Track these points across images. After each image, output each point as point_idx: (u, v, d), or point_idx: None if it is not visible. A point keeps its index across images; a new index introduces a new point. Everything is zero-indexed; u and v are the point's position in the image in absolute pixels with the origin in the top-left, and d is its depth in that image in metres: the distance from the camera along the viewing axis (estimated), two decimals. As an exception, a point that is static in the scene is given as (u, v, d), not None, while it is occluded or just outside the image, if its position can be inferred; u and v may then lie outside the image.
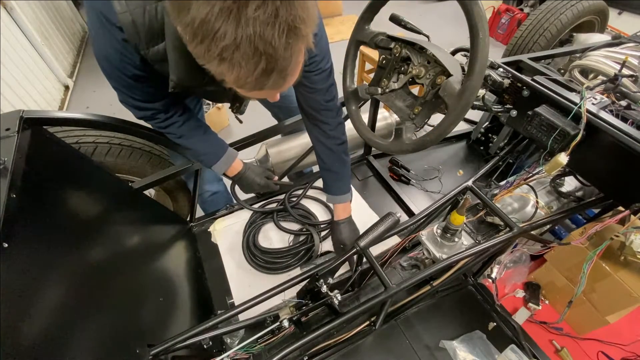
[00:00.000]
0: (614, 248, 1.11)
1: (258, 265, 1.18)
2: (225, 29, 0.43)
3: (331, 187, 1.11)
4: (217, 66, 0.48)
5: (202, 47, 0.46)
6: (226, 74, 0.49)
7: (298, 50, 0.50)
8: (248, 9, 0.42)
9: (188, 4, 0.44)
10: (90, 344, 0.62)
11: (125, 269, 0.86)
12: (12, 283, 0.50)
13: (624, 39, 1.56)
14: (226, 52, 0.45)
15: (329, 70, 0.93)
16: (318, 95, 0.94)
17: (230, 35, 0.44)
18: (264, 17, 0.43)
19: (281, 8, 0.44)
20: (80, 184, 0.83)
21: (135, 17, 0.62)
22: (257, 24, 0.43)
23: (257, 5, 0.42)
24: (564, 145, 0.89)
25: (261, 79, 0.50)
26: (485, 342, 1.05)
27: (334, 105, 0.99)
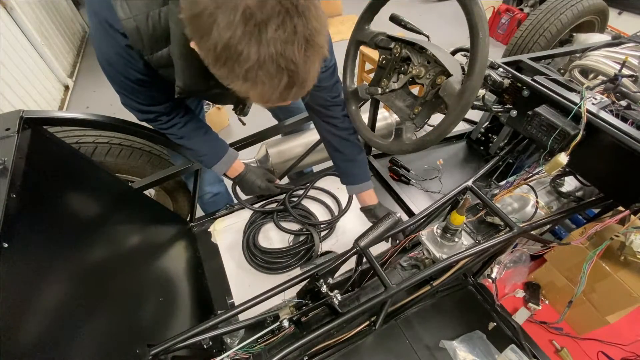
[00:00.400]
0: (614, 248, 1.11)
1: (258, 265, 1.18)
2: (248, 51, 0.45)
3: (355, 176, 1.10)
4: (241, 85, 0.50)
5: (225, 69, 0.48)
6: (250, 92, 0.51)
7: (316, 60, 0.52)
8: (269, 30, 0.44)
9: (209, 29, 0.45)
10: (90, 343, 0.62)
11: (125, 269, 0.86)
12: (12, 283, 0.50)
13: (624, 39, 1.56)
14: (250, 73, 0.47)
15: (334, 68, 0.94)
16: (325, 92, 0.95)
17: (253, 57, 0.45)
18: (285, 35, 0.45)
19: (299, 24, 0.45)
20: (80, 184, 0.83)
21: (138, 23, 0.62)
22: (278, 43, 0.45)
23: (277, 26, 0.44)
24: (564, 145, 0.89)
25: (284, 93, 0.51)
26: (485, 342, 1.05)
27: (340, 101, 1.01)
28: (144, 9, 0.62)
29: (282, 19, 0.44)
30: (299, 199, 1.36)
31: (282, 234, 1.27)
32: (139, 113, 0.87)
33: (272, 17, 0.44)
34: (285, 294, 0.89)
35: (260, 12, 0.43)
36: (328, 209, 1.36)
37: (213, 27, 0.45)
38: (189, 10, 0.47)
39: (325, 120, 1.03)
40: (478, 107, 1.08)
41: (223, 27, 0.44)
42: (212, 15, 0.44)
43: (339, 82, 0.99)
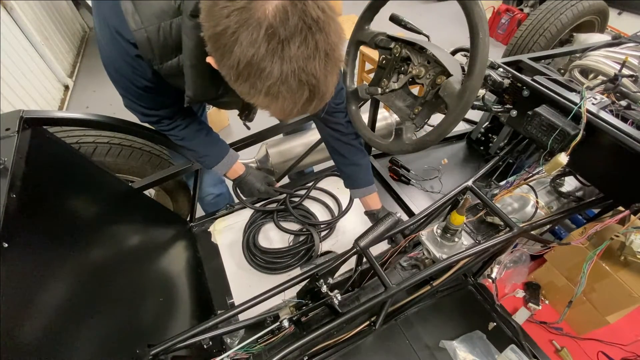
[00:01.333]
0: (614, 248, 1.11)
1: (258, 265, 1.18)
2: (271, 68, 0.46)
3: (359, 180, 1.11)
4: (263, 100, 0.50)
5: (247, 85, 0.49)
6: (271, 106, 0.52)
7: (335, 73, 0.53)
8: (292, 47, 0.45)
9: (231, 47, 0.45)
10: (90, 343, 0.62)
11: (125, 269, 0.86)
12: (12, 283, 0.50)
13: (624, 39, 1.56)
14: (272, 89, 0.48)
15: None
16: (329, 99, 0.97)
17: (276, 74, 0.46)
18: (307, 52, 0.46)
19: (320, 40, 0.46)
20: (80, 184, 0.83)
21: (150, 34, 0.62)
22: (301, 60, 0.46)
23: (300, 42, 0.45)
24: (564, 145, 0.89)
25: (304, 107, 0.52)
26: (485, 342, 1.05)
27: (343, 107, 1.02)
28: (155, 21, 0.62)
29: (304, 35, 0.45)
30: (301, 199, 1.36)
31: (282, 234, 1.27)
32: (142, 116, 0.87)
33: (295, 34, 0.44)
34: (285, 294, 0.89)
35: (283, 29, 0.44)
36: (328, 209, 1.36)
37: (235, 45, 0.45)
38: (212, 28, 0.47)
39: (329, 126, 1.03)
40: (478, 107, 1.08)
41: (246, 44, 0.44)
42: (235, 34, 0.45)
43: (342, 89, 1.00)
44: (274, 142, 1.45)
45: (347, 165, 1.10)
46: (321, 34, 0.46)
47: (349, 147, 1.06)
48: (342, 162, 1.10)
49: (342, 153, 1.07)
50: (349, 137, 1.05)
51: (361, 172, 1.10)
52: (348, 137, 1.05)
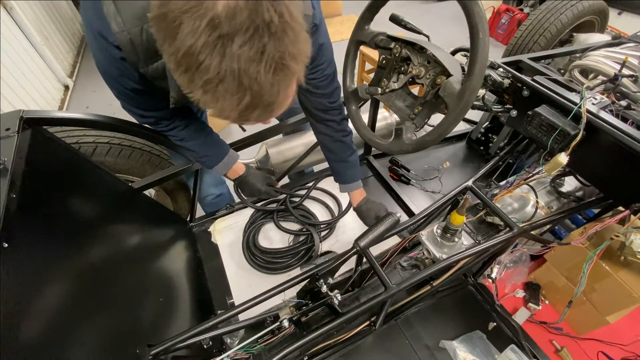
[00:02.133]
0: (614, 248, 1.11)
1: (258, 265, 1.18)
2: (209, 62, 0.42)
3: (346, 176, 1.13)
4: (201, 96, 0.47)
5: (185, 77, 0.45)
6: (210, 105, 0.48)
7: (286, 85, 0.49)
8: (233, 45, 0.41)
9: (174, 32, 0.42)
10: (90, 344, 0.62)
11: (125, 269, 0.85)
12: (12, 283, 0.49)
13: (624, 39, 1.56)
14: (209, 85, 0.44)
15: (333, 75, 0.94)
16: (323, 98, 0.96)
17: (213, 69, 0.43)
18: (250, 53, 0.42)
19: (269, 45, 0.43)
20: (80, 184, 0.83)
21: (132, 37, 0.61)
22: (242, 60, 0.42)
23: (243, 42, 0.41)
24: (564, 145, 0.89)
25: (245, 113, 0.49)
26: (485, 342, 1.05)
27: (338, 105, 1.02)
28: (137, 22, 0.60)
29: (249, 36, 0.42)
30: (301, 200, 1.36)
31: (282, 233, 1.27)
32: (139, 117, 0.87)
33: (239, 32, 0.41)
34: (285, 294, 0.90)
35: (227, 24, 0.41)
36: (328, 209, 1.36)
37: (178, 30, 0.42)
38: (157, 9, 0.44)
39: (322, 123, 1.04)
40: (478, 107, 1.08)
41: (187, 33, 0.41)
42: (178, 19, 0.42)
43: (338, 88, 1.00)
44: (274, 142, 1.45)
45: (336, 162, 1.11)
46: (271, 38, 0.43)
47: (339, 144, 1.07)
48: (332, 157, 1.11)
49: (331, 149, 1.09)
50: (339, 134, 1.06)
51: (348, 169, 1.12)
52: (339, 134, 1.06)
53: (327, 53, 0.87)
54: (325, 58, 0.87)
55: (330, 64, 0.91)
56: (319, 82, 0.91)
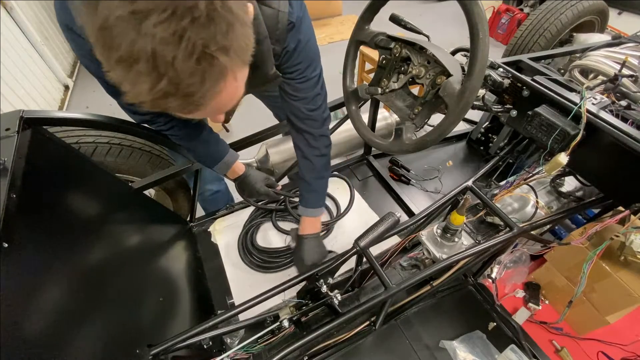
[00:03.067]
0: (614, 248, 1.11)
1: (252, 264, 1.18)
2: (122, 38, 0.39)
3: (302, 198, 1.06)
4: (117, 76, 0.43)
5: (103, 55, 0.42)
6: (126, 87, 0.45)
7: (215, 79, 0.45)
8: (147, 22, 0.38)
9: (95, 4, 0.40)
10: (90, 344, 0.62)
11: (125, 269, 0.85)
12: (12, 283, 0.49)
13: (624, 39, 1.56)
14: (124, 64, 0.41)
15: (317, 79, 0.88)
16: (300, 103, 0.90)
17: (127, 46, 0.39)
18: (165, 34, 0.39)
19: (190, 30, 0.40)
20: (80, 184, 0.83)
21: None
22: (157, 40, 0.39)
23: (159, 21, 0.38)
24: (564, 145, 0.89)
25: (161, 100, 0.45)
26: (485, 342, 1.05)
27: (318, 115, 0.94)
28: None
29: (167, 16, 0.39)
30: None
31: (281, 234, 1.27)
32: (134, 115, 0.86)
33: (156, 10, 0.38)
34: (285, 294, 0.90)
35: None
36: (327, 210, 1.36)
37: (98, 4, 0.39)
38: None
39: (298, 132, 0.97)
40: (478, 107, 1.08)
41: (104, 5, 0.39)
42: None
43: (321, 96, 0.91)
44: (274, 142, 1.45)
45: (301, 179, 1.04)
46: (193, 24, 0.40)
47: (307, 162, 0.99)
48: (299, 173, 1.05)
49: (300, 164, 1.02)
50: (311, 152, 0.97)
51: (309, 192, 1.04)
52: (311, 151, 0.97)
53: (307, 52, 0.81)
54: (304, 57, 0.81)
55: (312, 65, 0.85)
56: (296, 83, 0.86)
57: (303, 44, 0.79)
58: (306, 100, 0.90)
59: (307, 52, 0.82)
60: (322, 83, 0.91)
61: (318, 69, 0.88)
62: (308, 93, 0.88)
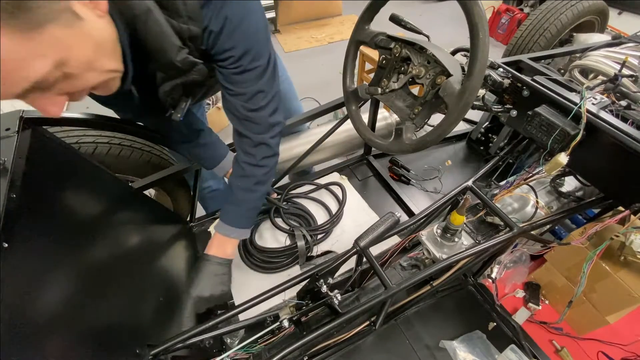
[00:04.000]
0: (614, 248, 1.11)
1: (253, 264, 1.18)
2: None
3: (224, 210, 0.90)
4: None
5: None
6: None
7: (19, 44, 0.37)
8: None
9: None
10: (90, 343, 0.62)
11: (125, 269, 0.85)
12: (12, 283, 0.49)
13: (624, 39, 1.56)
14: None
15: (260, 72, 0.73)
16: (238, 100, 0.75)
17: None
18: None
19: None
20: (80, 184, 0.83)
21: None
22: None
23: None
24: (564, 145, 0.89)
25: None
26: (485, 342, 1.05)
27: (260, 118, 0.78)
28: None
29: None
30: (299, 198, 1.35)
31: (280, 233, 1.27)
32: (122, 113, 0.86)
33: None
34: (285, 294, 0.90)
35: None
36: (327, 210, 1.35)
37: None
38: None
39: (237, 132, 0.83)
40: (478, 107, 1.08)
41: None
42: None
43: (265, 94, 0.76)
44: (274, 142, 1.45)
45: (229, 186, 0.89)
46: None
47: (238, 169, 0.85)
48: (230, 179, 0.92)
49: (232, 168, 0.88)
50: (246, 158, 0.83)
51: (230, 203, 0.88)
52: (246, 157, 0.83)
53: (242, 36, 0.66)
54: (237, 41, 0.66)
55: (251, 54, 0.69)
56: (232, 74, 0.71)
57: (234, 24, 0.64)
58: (244, 97, 0.75)
59: (242, 35, 0.66)
60: (271, 79, 0.76)
61: (262, 60, 0.72)
62: (246, 88, 0.73)
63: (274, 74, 0.76)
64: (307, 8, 4.31)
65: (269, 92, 0.77)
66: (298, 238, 1.17)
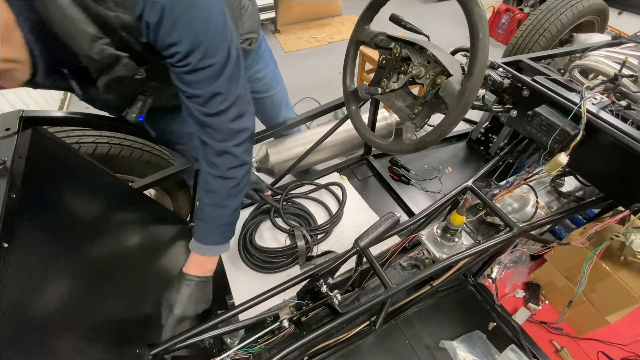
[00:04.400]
0: (614, 248, 1.11)
1: (253, 264, 1.18)
2: None
3: (196, 227, 0.82)
4: None
5: None
6: None
7: None
8: None
9: None
10: (90, 343, 0.62)
11: (125, 269, 0.86)
12: (12, 283, 0.49)
13: (624, 39, 1.56)
14: None
15: (216, 72, 0.64)
16: (193, 102, 0.67)
17: None
18: None
19: None
20: (80, 184, 0.83)
21: None
22: None
23: None
24: (564, 145, 0.89)
25: None
26: (485, 342, 1.05)
27: (219, 124, 0.69)
28: None
29: None
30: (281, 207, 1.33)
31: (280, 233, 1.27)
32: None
33: None
34: (285, 294, 0.89)
35: None
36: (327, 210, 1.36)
37: None
38: None
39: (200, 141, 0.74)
40: (478, 107, 1.08)
41: None
42: None
43: (223, 97, 0.67)
44: (274, 142, 1.45)
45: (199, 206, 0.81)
46: None
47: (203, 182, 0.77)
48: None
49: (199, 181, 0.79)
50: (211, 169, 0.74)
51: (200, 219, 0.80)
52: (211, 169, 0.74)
53: (187, 28, 0.57)
54: (181, 36, 0.57)
55: (201, 50, 0.60)
56: (182, 74, 0.63)
57: (174, 15, 0.55)
58: (199, 100, 0.66)
59: (186, 28, 0.57)
60: (231, 80, 0.66)
61: (217, 58, 0.63)
62: (200, 89, 0.65)
63: (235, 75, 0.67)
64: (307, 8, 4.31)
65: (228, 94, 0.67)
66: (298, 238, 1.17)
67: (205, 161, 0.74)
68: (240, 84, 0.69)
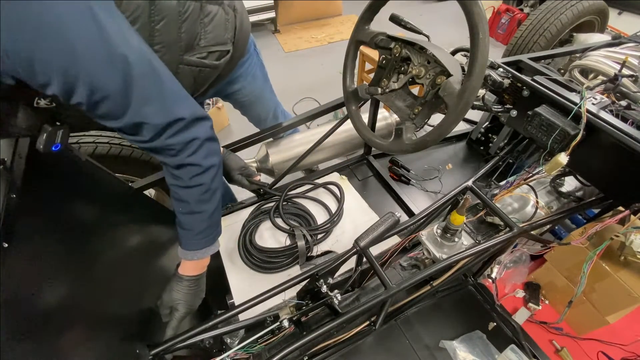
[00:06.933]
0: (614, 248, 1.11)
1: (253, 264, 1.18)
2: None
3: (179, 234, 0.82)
4: None
5: None
6: None
7: None
8: None
9: None
10: (90, 344, 0.62)
11: (125, 269, 0.86)
12: (12, 283, 0.49)
13: (624, 39, 1.56)
14: None
15: (121, 100, 0.54)
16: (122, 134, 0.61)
17: None
18: None
19: None
20: (80, 184, 0.83)
21: None
22: None
23: None
24: (564, 145, 0.89)
25: None
26: (485, 342, 1.05)
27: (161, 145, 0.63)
28: None
29: None
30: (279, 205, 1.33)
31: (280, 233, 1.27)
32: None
33: None
34: (285, 294, 0.89)
35: None
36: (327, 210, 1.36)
37: None
38: None
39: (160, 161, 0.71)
40: (478, 107, 1.08)
41: None
42: None
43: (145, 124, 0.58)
44: (274, 142, 1.45)
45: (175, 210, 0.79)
46: None
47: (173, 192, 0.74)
48: None
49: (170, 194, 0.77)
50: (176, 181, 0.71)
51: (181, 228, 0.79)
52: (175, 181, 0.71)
53: (41, 65, 0.45)
54: (46, 75, 0.47)
55: (81, 85, 0.49)
56: (85, 112, 0.55)
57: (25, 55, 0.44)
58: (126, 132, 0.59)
59: (47, 66, 0.46)
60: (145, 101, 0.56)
61: (113, 85, 0.52)
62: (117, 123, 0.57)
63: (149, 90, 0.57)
64: (307, 8, 4.31)
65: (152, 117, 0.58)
66: (298, 238, 1.17)
67: (168, 174, 0.71)
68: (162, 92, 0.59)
